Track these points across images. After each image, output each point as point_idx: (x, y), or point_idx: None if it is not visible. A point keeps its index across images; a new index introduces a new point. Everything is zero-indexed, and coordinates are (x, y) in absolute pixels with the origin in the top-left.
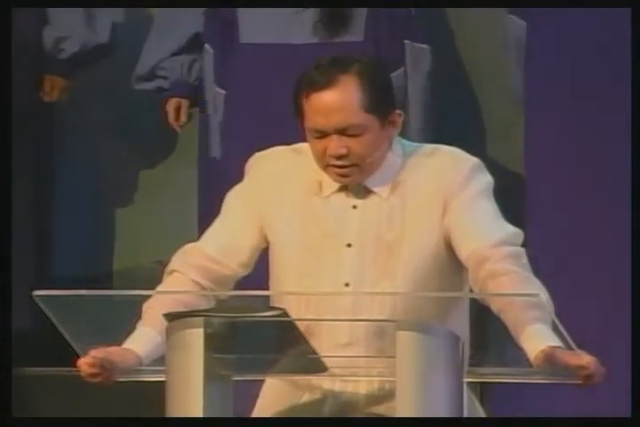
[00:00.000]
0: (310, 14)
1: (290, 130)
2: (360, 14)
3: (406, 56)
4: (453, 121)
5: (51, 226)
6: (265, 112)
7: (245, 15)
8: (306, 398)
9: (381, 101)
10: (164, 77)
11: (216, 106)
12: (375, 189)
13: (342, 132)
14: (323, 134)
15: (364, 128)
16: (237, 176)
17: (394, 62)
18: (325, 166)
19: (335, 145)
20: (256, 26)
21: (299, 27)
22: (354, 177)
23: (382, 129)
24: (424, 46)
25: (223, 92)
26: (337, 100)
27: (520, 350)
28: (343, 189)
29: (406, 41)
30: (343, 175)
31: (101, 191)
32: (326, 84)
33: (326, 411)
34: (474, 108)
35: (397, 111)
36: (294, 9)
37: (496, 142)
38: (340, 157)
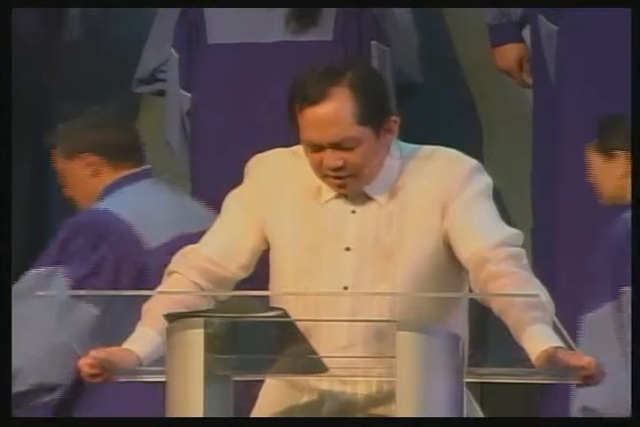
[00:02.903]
0: (279, 12)
1: (261, 128)
2: (329, 14)
3: (372, 57)
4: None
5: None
6: (236, 112)
7: (212, 15)
8: (304, 399)
9: (375, 111)
10: (165, 80)
11: (183, 110)
12: (374, 196)
13: (337, 145)
14: (318, 148)
15: (358, 140)
16: (211, 179)
17: None
18: (323, 177)
19: (331, 158)
20: (223, 26)
21: (267, 25)
22: (352, 186)
23: (378, 138)
24: (387, 48)
25: (189, 95)
26: (330, 115)
27: (520, 350)
28: (342, 195)
29: (373, 42)
30: (341, 186)
31: None
32: (319, 98)
33: (325, 412)
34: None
35: (393, 118)
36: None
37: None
38: (336, 170)
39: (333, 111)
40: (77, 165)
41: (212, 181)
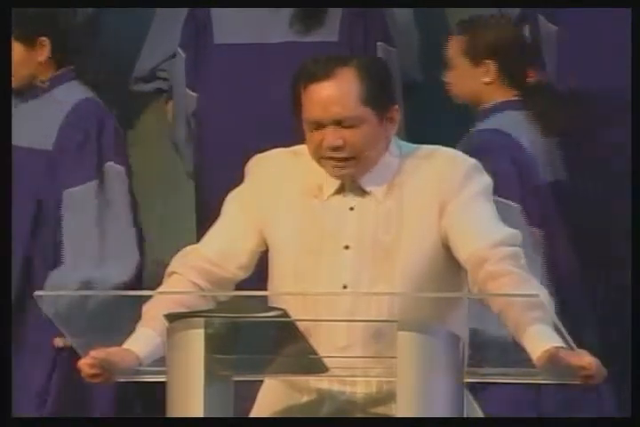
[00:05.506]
0: (285, 12)
1: (267, 128)
2: (335, 15)
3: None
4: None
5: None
6: (241, 112)
7: (219, 16)
8: (304, 399)
9: (379, 95)
10: (164, 79)
11: (188, 110)
12: (371, 190)
13: (339, 123)
14: (320, 126)
15: (360, 120)
16: (213, 177)
17: None
18: (320, 158)
19: (331, 136)
20: (230, 26)
21: (273, 25)
22: (349, 170)
23: (380, 124)
24: (393, 49)
25: (195, 94)
26: (335, 92)
27: (521, 350)
28: (341, 190)
29: (379, 43)
30: (339, 167)
31: None
32: (325, 75)
33: (324, 412)
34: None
35: (395, 107)
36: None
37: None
38: (335, 149)
39: (338, 88)
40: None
41: (218, 180)
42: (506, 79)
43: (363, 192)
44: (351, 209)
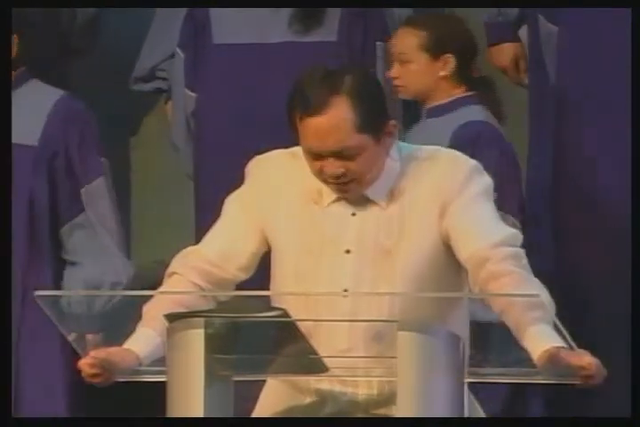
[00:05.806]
0: (284, 12)
1: (266, 128)
2: (334, 14)
3: (377, 58)
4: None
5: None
6: (241, 113)
7: (218, 15)
8: (306, 400)
9: (375, 118)
10: (164, 79)
11: (187, 110)
12: (374, 199)
13: (337, 154)
14: (319, 156)
15: (359, 148)
16: (213, 180)
17: (366, 64)
18: (324, 181)
19: (332, 166)
20: (228, 26)
21: (272, 25)
22: (353, 191)
23: (378, 144)
24: None
25: (194, 95)
26: (330, 125)
27: (521, 350)
28: (342, 198)
29: (378, 42)
30: (342, 190)
31: None
32: (318, 108)
33: (326, 414)
34: None
35: (392, 122)
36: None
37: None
38: (337, 177)
39: (333, 121)
40: None
41: (217, 180)
42: (459, 74)
43: (366, 200)
44: (353, 215)
